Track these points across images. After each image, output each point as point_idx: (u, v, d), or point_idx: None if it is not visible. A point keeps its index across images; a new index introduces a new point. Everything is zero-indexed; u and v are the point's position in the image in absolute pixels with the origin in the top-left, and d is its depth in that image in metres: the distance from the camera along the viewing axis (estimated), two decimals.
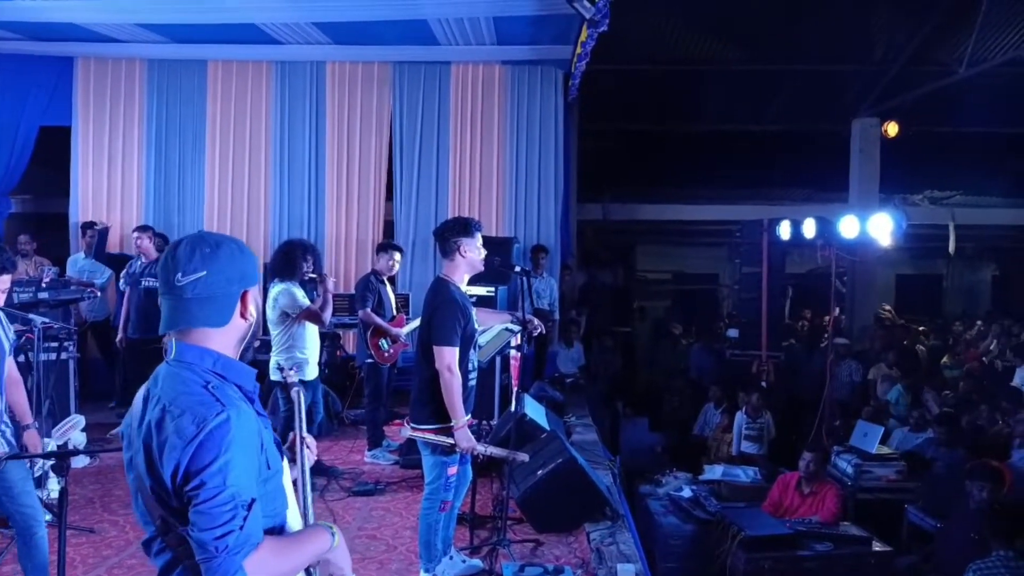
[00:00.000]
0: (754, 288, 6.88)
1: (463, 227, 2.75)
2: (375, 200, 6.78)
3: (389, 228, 6.90)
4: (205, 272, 1.19)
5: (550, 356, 6.68)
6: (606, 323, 8.61)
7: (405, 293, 6.21)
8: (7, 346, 2.48)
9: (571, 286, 7.60)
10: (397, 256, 4.65)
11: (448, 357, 2.62)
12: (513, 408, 3.61)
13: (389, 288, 4.68)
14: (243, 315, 1.24)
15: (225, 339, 1.23)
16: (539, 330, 2.98)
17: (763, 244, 6.76)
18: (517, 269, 3.13)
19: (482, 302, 4.89)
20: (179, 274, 1.19)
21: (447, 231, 2.76)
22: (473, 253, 2.75)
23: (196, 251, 1.20)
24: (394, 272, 4.65)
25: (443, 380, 2.63)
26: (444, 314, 2.65)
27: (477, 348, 2.86)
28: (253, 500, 1.14)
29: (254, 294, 1.27)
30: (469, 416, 2.75)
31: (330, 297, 3.85)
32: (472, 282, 2.93)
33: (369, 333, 4.45)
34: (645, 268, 12.18)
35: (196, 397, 1.15)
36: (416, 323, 4.47)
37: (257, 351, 4.92)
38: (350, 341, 6.51)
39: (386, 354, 4.53)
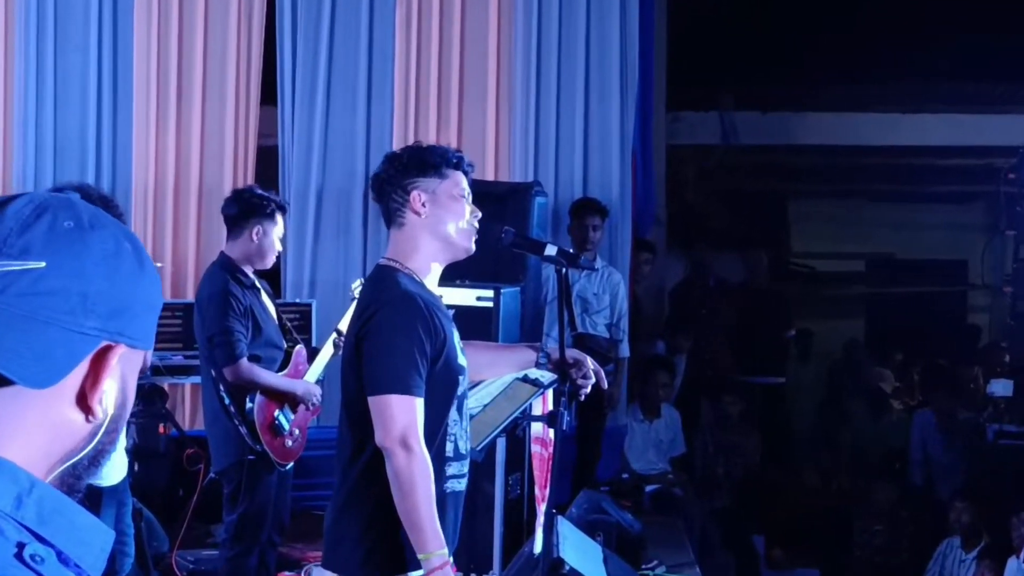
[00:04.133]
0: None
1: (422, 161, 2.85)
2: (242, 108, 6.80)
3: (270, 162, 6.86)
4: (44, 264, 1.11)
5: (611, 435, 6.70)
6: (728, 366, 8.43)
7: (304, 302, 6.30)
8: None
9: (655, 288, 7.71)
10: (277, 225, 4.70)
11: (402, 417, 2.67)
12: (537, 546, 3.64)
13: (266, 297, 4.80)
14: (85, 403, 1.15)
15: (38, 437, 1.14)
16: (591, 382, 3.05)
17: None
18: (549, 252, 3.19)
19: (469, 322, 4.83)
20: None
21: (391, 170, 2.86)
22: (448, 214, 2.85)
23: (43, 217, 1.14)
24: (270, 259, 4.73)
25: (392, 469, 2.67)
26: (392, 331, 2.72)
27: (465, 415, 2.93)
28: None
29: (127, 363, 1.18)
30: (449, 554, 2.75)
31: None
32: (448, 279, 3.05)
33: (257, 406, 4.50)
34: (810, 249, 11.99)
35: None
36: (327, 354, 4.65)
37: None
38: (186, 401, 6.60)
39: (289, 441, 4.64)
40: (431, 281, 2.89)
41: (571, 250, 3.46)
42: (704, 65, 8.80)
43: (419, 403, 2.68)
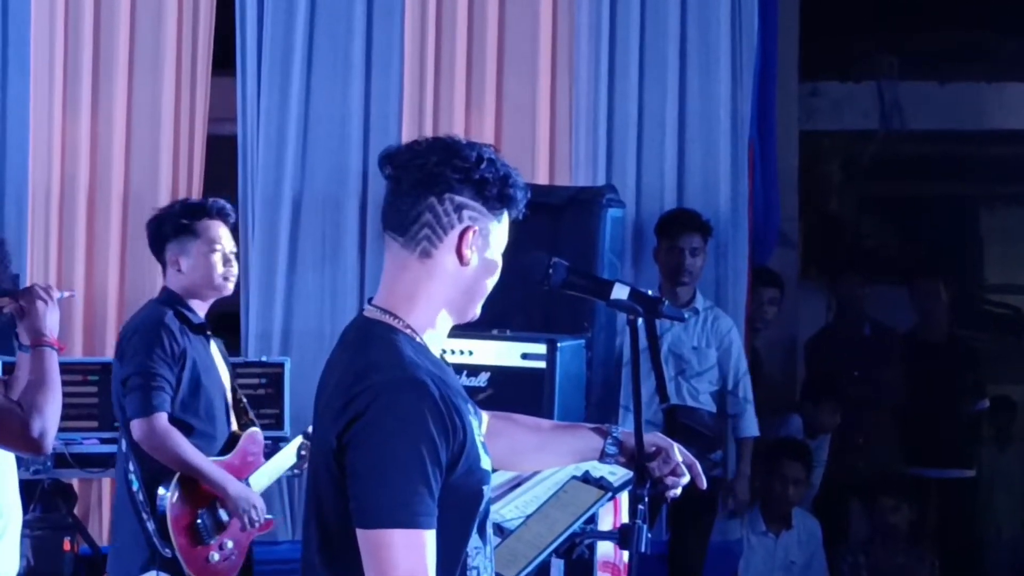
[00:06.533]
0: None
1: (503, 189, 2.82)
2: (186, 80, 6.80)
3: (224, 157, 6.88)
4: None
5: (719, 554, 6.86)
6: (892, 454, 8.37)
7: (273, 362, 6.34)
8: None
9: (784, 339, 8.16)
10: (222, 236, 4.83)
11: (407, 560, 2.66)
12: None
13: (217, 353, 4.99)
14: None
15: None
16: (682, 480, 3.10)
17: None
18: (617, 295, 3.17)
19: (512, 390, 5.38)
20: None
21: (452, 173, 2.79)
22: (486, 272, 2.86)
23: None
24: (217, 285, 4.86)
25: None
26: (393, 435, 2.69)
27: (490, 540, 2.93)
28: None
29: None
30: None
31: (52, 364, 3.99)
32: (482, 327, 3.37)
33: (171, 495, 4.69)
34: (1012, 280, 11.96)
35: None
36: (286, 462, 5.13)
37: None
38: (103, 504, 6.73)
39: (215, 554, 4.78)
40: (435, 339, 2.82)
41: (655, 295, 3.21)
42: (854, 16, 8.69)
43: (429, 537, 2.64)
